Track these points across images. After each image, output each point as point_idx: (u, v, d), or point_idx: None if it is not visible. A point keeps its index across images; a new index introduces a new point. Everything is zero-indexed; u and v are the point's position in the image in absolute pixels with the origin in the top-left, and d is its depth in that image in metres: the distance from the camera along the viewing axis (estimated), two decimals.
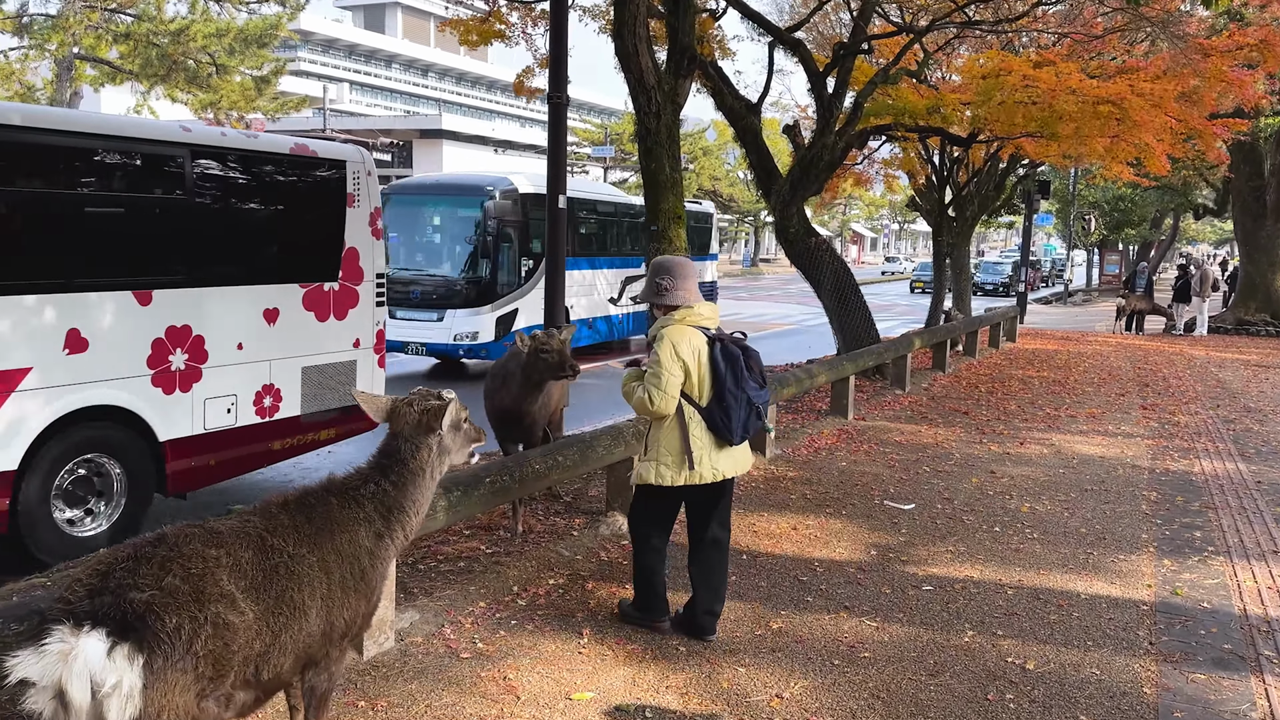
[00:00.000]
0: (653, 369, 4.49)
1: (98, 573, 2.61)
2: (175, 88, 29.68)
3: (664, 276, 4.65)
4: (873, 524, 6.87)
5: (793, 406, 11.05)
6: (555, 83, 9.48)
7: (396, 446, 3.48)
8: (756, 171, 13.53)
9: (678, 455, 4.52)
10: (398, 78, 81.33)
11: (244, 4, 30.11)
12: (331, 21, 76.51)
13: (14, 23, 29.23)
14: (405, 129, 48.31)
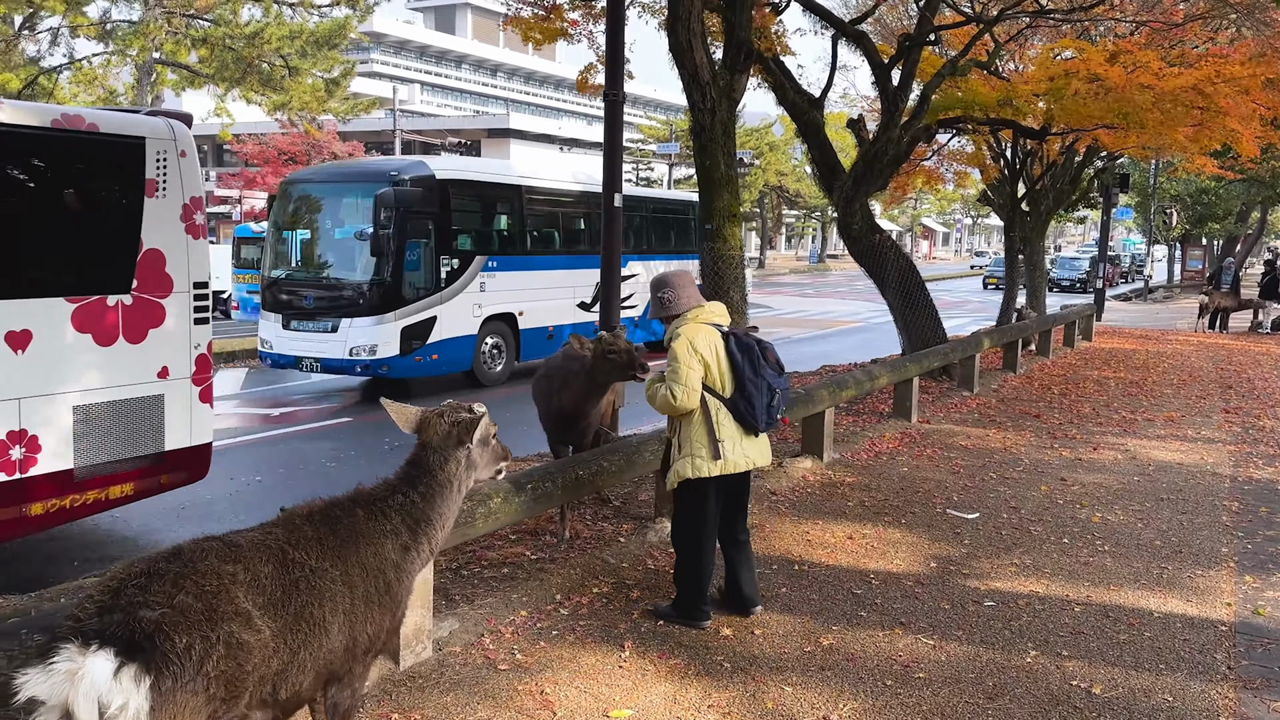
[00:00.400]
0: (671, 366, 4.63)
1: (109, 589, 2.55)
2: (250, 90, 30.36)
3: (663, 290, 4.87)
4: (933, 534, 6.61)
5: (854, 408, 10.77)
6: (612, 80, 9.36)
7: (425, 458, 3.40)
8: (819, 167, 13.23)
9: (709, 447, 4.66)
10: (467, 78, 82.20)
11: (314, 7, 30.63)
12: (403, 23, 77.64)
13: (97, 29, 30.17)
14: (473, 129, 48.78)
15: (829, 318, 28.54)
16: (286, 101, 30.51)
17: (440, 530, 3.39)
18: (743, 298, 8.30)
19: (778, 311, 29.76)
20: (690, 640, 4.77)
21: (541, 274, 14.83)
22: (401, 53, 76.43)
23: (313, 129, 32.43)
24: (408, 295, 12.54)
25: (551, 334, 14.70)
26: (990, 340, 12.98)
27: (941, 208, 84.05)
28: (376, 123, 41.02)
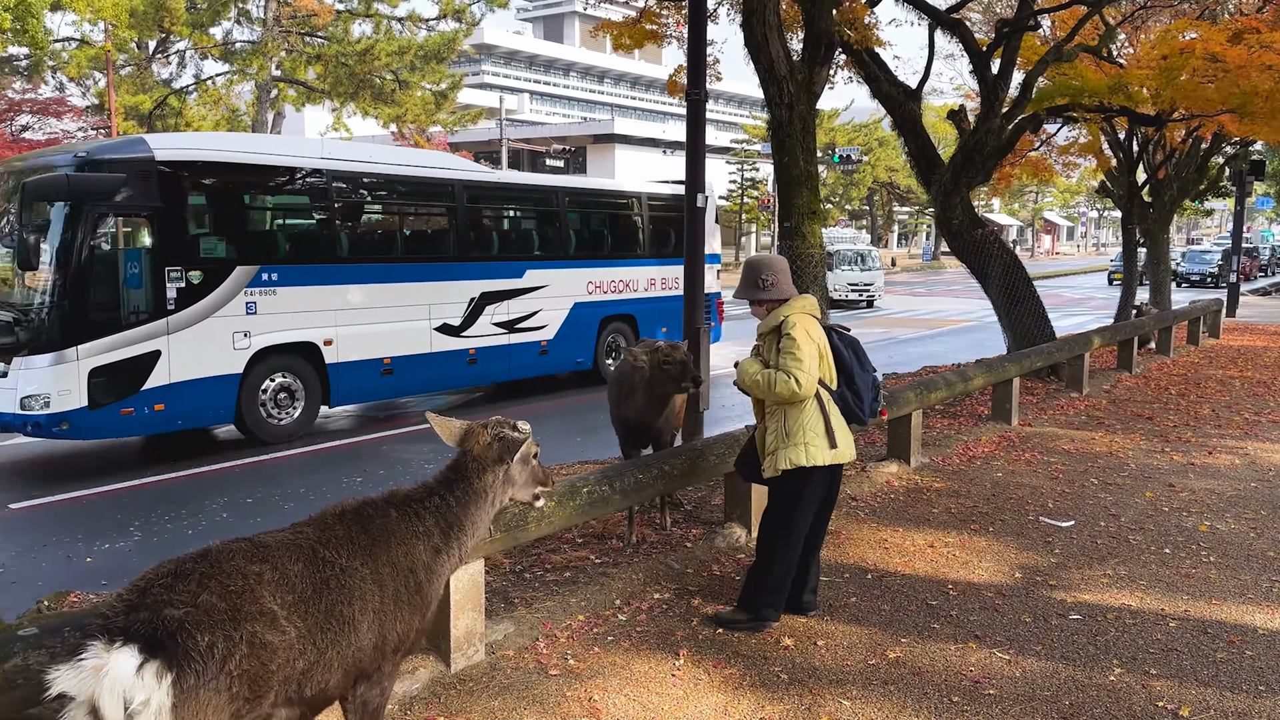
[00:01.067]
0: (791, 353, 4.50)
1: (137, 588, 2.60)
2: (364, 105, 31.39)
3: (766, 274, 4.73)
4: (1022, 543, 6.27)
5: (950, 411, 10.37)
6: (694, 79, 9.24)
7: (465, 465, 3.41)
8: (917, 161, 12.82)
9: (823, 435, 4.61)
10: (575, 85, 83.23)
11: (423, 22, 31.47)
12: (512, 34, 79.10)
13: (221, 49, 31.68)
14: (579, 135, 49.29)
15: (939, 317, 27.68)
16: (400, 114, 31.44)
17: (470, 538, 3.38)
18: (823, 297, 8.06)
19: (885, 311, 29.05)
20: (748, 650, 4.63)
21: (368, 289, 10.96)
22: (511, 63, 77.91)
23: (422, 140, 33.25)
24: (100, 322, 8.86)
25: (390, 367, 11.17)
26: (1101, 338, 12.32)
27: (1065, 200, 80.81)
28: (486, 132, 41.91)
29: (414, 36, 31.25)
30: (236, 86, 33.39)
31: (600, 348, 14.10)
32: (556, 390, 13.92)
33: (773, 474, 4.69)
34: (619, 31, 13.77)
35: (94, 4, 26.69)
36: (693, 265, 9.36)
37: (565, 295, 13.45)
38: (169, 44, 34.15)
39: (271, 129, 32.27)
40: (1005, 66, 11.46)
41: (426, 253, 12.14)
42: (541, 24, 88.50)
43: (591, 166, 47.67)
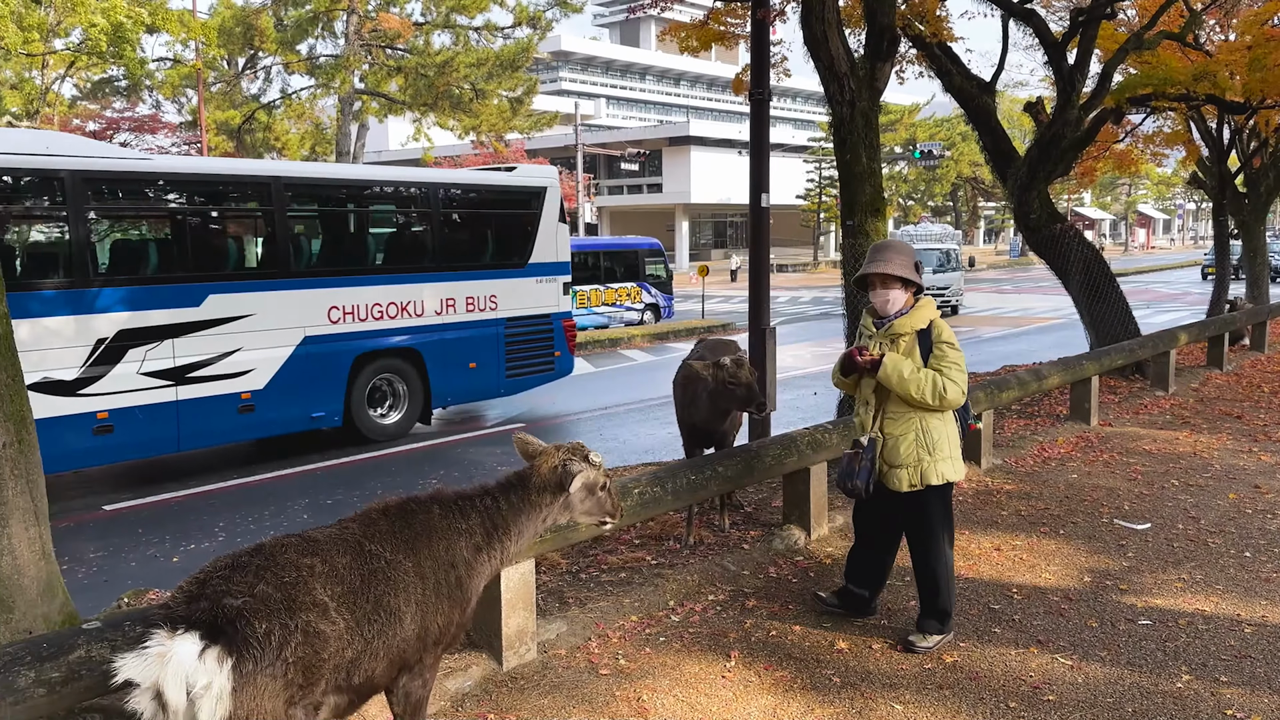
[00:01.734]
0: (955, 362, 4.40)
1: (197, 580, 2.73)
2: (443, 115, 32.00)
3: (918, 257, 4.59)
4: (1094, 545, 6.09)
5: (1026, 411, 10.10)
6: (757, 78, 9.22)
7: (529, 478, 3.50)
8: (991, 155, 12.54)
9: (958, 446, 4.57)
10: (651, 89, 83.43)
11: (498, 30, 31.93)
12: (589, 40, 79.71)
13: (306, 64, 32.64)
14: (654, 138, 49.41)
15: (1025, 314, 27.02)
16: (477, 124, 31.96)
17: (515, 543, 3.45)
18: None
19: (969, 309, 28.47)
20: (801, 653, 4.59)
21: None
22: (588, 69, 78.49)
23: (500, 147, 33.71)
24: None
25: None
26: (1189, 335, 11.86)
27: (1160, 193, 78.04)
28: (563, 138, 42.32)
29: (490, 46, 31.75)
30: (321, 100, 34.35)
31: (356, 397, 10.53)
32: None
33: (916, 488, 4.48)
34: (686, 33, 13.77)
35: (186, 25, 27.82)
36: (757, 265, 9.35)
37: (285, 327, 9.87)
38: (257, 61, 35.42)
39: (355, 141, 33.17)
40: (1081, 56, 11.13)
41: (16, 278, 8.26)
42: (618, 29, 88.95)
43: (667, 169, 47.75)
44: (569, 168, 37.73)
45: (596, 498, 3.58)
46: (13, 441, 3.90)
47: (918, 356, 4.41)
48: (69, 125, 32.35)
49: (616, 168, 45.89)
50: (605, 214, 52.15)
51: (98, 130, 35.09)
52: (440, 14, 31.58)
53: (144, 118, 36.79)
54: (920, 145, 48.96)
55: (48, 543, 4.09)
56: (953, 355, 4.39)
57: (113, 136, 35.47)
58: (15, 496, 3.90)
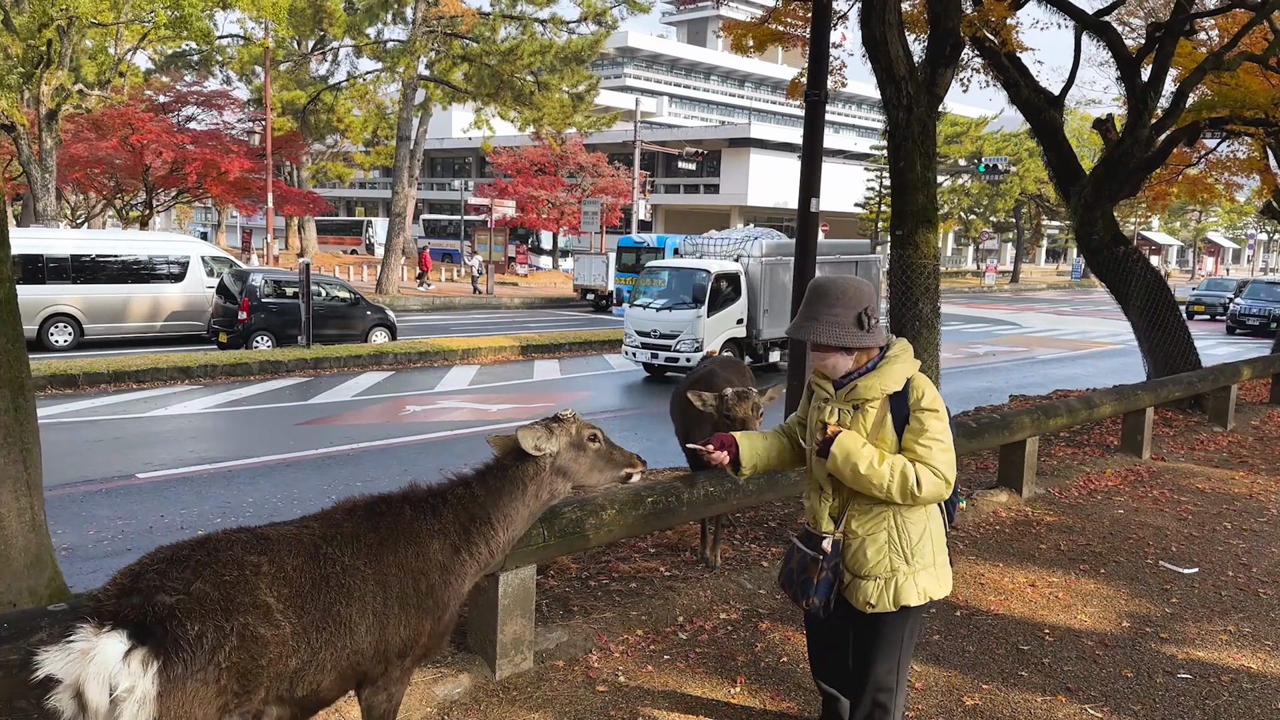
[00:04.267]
0: (939, 440, 3.12)
1: (132, 572, 2.56)
2: (504, 105, 32.04)
3: (871, 306, 3.19)
4: (1136, 588, 5.75)
5: (1076, 439, 9.71)
6: (814, 80, 8.93)
7: (505, 458, 3.25)
8: (1056, 171, 12.12)
9: (945, 549, 3.33)
10: (715, 89, 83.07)
11: (564, 23, 31.88)
12: (656, 38, 79.56)
13: (375, 48, 32.89)
14: (714, 139, 49.06)
15: (1084, 338, 26.31)
16: (538, 116, 31.94)
17: (503, 532, 3.18)
18: (934, 310, 7.63)
19: (1026, 329, 27.81)
20: (810, 684, 4.34)
21: None
22: (653, 66, 78.35)
23: (554, 143, 33.67)
24: None
25: None
26: (1252, 369, 11.34)
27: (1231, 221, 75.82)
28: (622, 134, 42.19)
29: (555, 39, 31.71)
30: (385, 85, 34.61)
31: None
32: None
33: (890, 609, 3.23)
34: (743, 32, 13.52)
35: (257, 2, 28.15)
36: (803, 271, 9.08)
37: None
38: (326, 42, 35.78)
39: (419, 127, 33.39)
40: (1156, 73, 10.68)
41: None
42: (685, 28, 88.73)
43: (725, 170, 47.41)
44: (626, 164, 37.57)
45: (592, 452, 3.27)
46: (8, 408, 3.79)
47: (890, 429, 3.16)
48: (139, 96, 32.90)
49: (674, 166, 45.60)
50: (660, 212, 51.95)
51: (167, 103, 35.63)
52: (508, 3, 31.61)
53: (212, 93, 37.27)
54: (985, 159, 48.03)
55: (39, 514, 3.99)
56: (935, 428, 3.12)
57: (180, 109, 36.03)
58: (7, 464, 3.81)
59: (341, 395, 13.52)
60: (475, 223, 45.38)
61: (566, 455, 3.25)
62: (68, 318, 17.51)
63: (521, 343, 18.89)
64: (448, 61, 32.20)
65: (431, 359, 17.09)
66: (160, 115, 33.01)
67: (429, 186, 60.75)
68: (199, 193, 33.30)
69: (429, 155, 53.58)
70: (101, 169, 31.76)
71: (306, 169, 42.78)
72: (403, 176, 32.03)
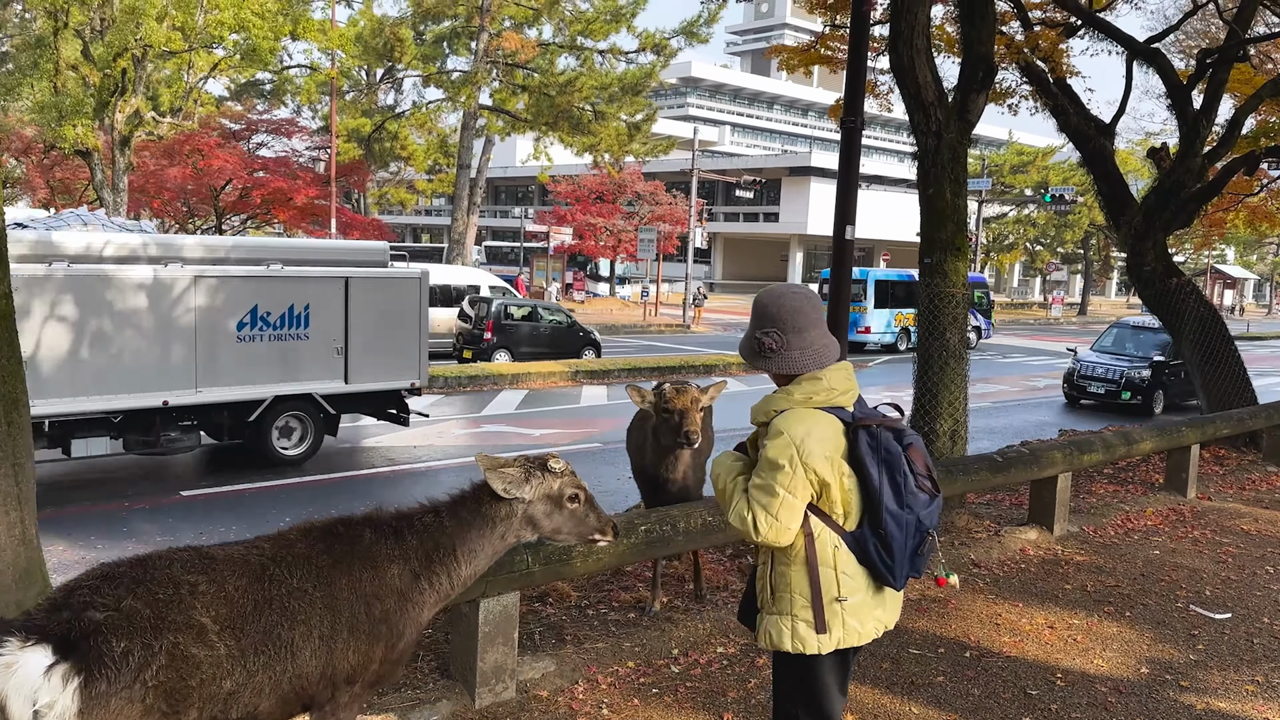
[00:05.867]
0: (762, 477, 2.90)
1: (66, 588, 2.57)
2: (563, 134, 32.41)
3: (768, 327, 2.98)
4: (1161, 632, 5.49)
5: (1118, 476, 9.37)
6: (850, 106, 8.84)
7: (480, 490, 3.16)
8: (1106, 201, 11.81)
9: (813, 608, 2.93)
10: (778, 118, 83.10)
11: (622, 54, 32.19)
12: (719, 68, 79.98)
13: (440, 78, 33.57)
14: (774, 167, 48.98)
15: None
16: (595, 144, 32.24)
17: (465, 567, 3.12)
18: (961, 340, 7.44)
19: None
20: None
21: None
22: (716, 96, 78.70)
23: (613, 170, 33.89)
24: None
25: None
26: None
27: None
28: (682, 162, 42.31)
29: (613, 69, 32.03)
30: (447, 114, 35.26)
31: None
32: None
33: (766, 647, 3.05)
34: (788, 55, 13.52)
35: (328, 35, 28.97)
36: (838, 298, 8.96)
37: None
38: (394, 72, 36.63)
39: (481, 156, 33.93)
40: (1209, 101, 10.37)
41: None
42: (749, 57, 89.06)
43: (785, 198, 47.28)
44: (685, 192, 37.67)
45: (568, 511, 3.15)
46: (1, 423, 3.87)
47: None
48: (210, 124, 33.95)
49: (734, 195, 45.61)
50: (719, 240, 51.93)
51: (238, 130, 36.72)
52: (568, 36, 32.05)
53: (281, 121, 38.34)
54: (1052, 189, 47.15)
55: (30, 528, 4.05)
56: (765, 470, 2.89)
57: (250, 137, 37.11)
58: None
59: None
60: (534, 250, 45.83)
61: (539, 507, 3.14)
62: None
63: (571, 368, 18.95)
64: (508, 91, 32.73)
65: (481, 383, 17.22)
66: (231, 142, 34.03)
67: (492, 214, 61.61)
68: (267, 217, 34.15)
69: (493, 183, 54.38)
70: (174, 194, 32.81)
71: (371, 195, 43.68)
72: (462, 204, 32.54)
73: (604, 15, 31.16)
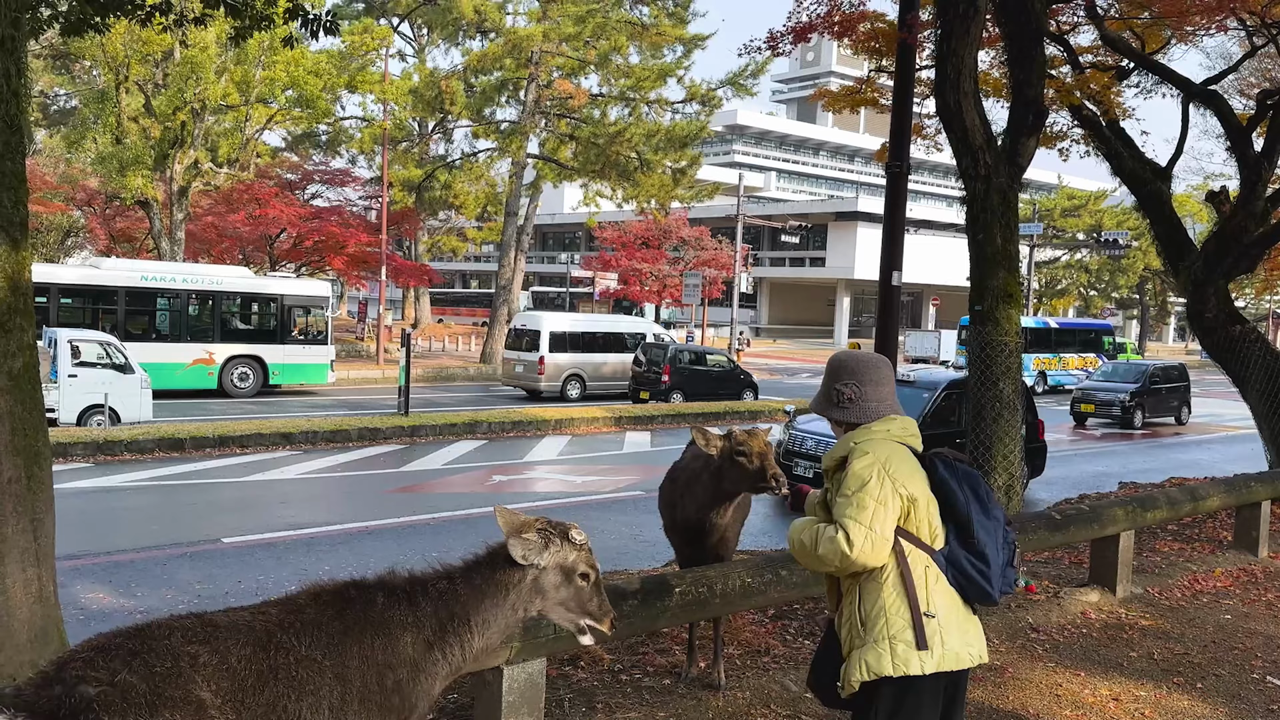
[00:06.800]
0: (848, 497, 2.94)
1: (59, 661, 2.44)
2: (612, 182, 32.65)
3: (847, 381, 3.16)
4: (1236, 708, 5.12)
5: (1184, 534, 8.94)
6: (895, 151, 8.73)
7: (497, 553, 2.99)
8: (1164, 245, 11.50)
9: (913, 626, 2.94)
10: (824, 163, 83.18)
11: (669, 105, 32.41)
12: (765, 115, 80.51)
13: (490, 128, 34.07)
14: (820, 212, 48.87)
15: (1212, 421, 24.82)
16: (638, 193, 32.43)
17: (478, 637, 2.93)
18: (1014, 390, 7.15)
19: None
20: None
21: None
22: (762, 143, 79.08)
23: (659, 215, 34.00)
24: None
25: None
26: None
27: None
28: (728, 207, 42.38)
29: (660, 119, 32.28)
30: (497, 164, 35.75)
31: None
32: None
33: (854, 686, 2.99)
34: (832, 98, 13.45)
35: (385, 88, 29.61)
36: (884, 346, 8.76)
37: None
38: (446, 123, 37.27)
39: (529, 204, 34.28)
40: (1270, 144, 10.05)
41: None
42: (795, 105, 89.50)
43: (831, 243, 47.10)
44: (730, 238, 37.67)
45: (575, 588, 2.97)
46: (20, 477, 3.80)
47: None
48: (267, 174, 34.73)
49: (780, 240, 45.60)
50: (765, 285, 51.80)
51: (294, 180, 37.52)
52: (617, 88, 32.39)
53: (336, 171, 39.16)
54: (1106, 233, 46.43)
55: (47, 585, 3.96)
56: (851, 484, 2.96)
57: (306, 186, 37.91)
58: (15, 534, 3.80)
59: (432, 464, 13.64)
60: (580, 294, 46.04)
61: (550, 577, 2.96)
62: (577, 376, 23.63)
63: (615, 414, 18.84)
64: (556, 140, 33.10)
65: (524, 428, 17.17)
66: (287, 192, 34.78)
67: (540, 260, 62.15)
68: (319, 264, 34.75)
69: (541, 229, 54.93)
70: (231, 241, 33.54)
71: (423, 242, 44.31)
72: (509, 251, 32.83)
73: (652, 72, 31.49)
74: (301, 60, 23.11)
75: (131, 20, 5.22)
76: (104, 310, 20.09)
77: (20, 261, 3.83)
